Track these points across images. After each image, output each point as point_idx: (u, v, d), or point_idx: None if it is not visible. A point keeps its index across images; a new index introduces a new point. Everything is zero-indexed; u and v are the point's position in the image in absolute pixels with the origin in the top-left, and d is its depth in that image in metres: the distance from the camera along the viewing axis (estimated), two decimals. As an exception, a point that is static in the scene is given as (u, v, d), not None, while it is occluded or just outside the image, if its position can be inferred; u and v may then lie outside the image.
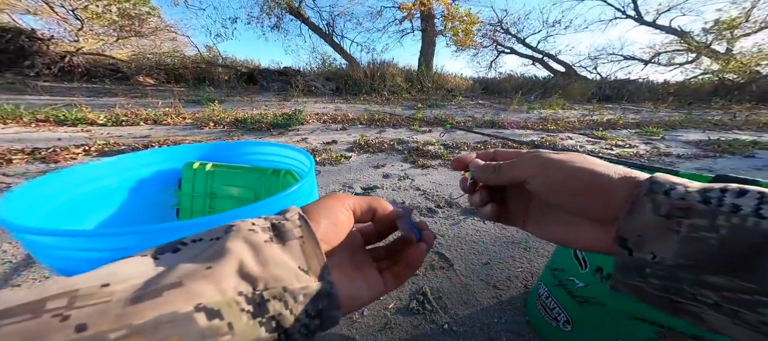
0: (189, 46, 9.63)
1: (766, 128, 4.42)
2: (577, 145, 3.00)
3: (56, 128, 2.65)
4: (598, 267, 0.56)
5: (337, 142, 2.70)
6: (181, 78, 7.29)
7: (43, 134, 2.46)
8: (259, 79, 7.82)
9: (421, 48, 10.30)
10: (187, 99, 4.88)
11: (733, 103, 6.83)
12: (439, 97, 7.40)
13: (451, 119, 4.15)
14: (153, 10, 8.71)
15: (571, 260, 0.64)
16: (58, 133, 2.51)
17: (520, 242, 1.16)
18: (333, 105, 5.42)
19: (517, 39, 12.55)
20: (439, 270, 0.99)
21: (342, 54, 10.23)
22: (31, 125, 2.67)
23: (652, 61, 11.80)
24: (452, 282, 0.94)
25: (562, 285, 0.69)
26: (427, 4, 9.66)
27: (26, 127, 2.62)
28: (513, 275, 0.99)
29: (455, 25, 10.36)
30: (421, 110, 4.75)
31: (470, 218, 1.33)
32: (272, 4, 9.30)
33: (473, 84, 9.75)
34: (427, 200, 1.49)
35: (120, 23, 7.94)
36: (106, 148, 2.17)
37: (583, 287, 0.62)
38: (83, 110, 3.04)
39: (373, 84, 7.74)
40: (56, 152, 1.96)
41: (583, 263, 0.60)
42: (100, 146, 2.16)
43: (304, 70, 8.93)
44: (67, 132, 2.55)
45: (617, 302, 0.55)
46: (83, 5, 7.42)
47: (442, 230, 1.22)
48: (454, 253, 1.08)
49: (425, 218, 1.33)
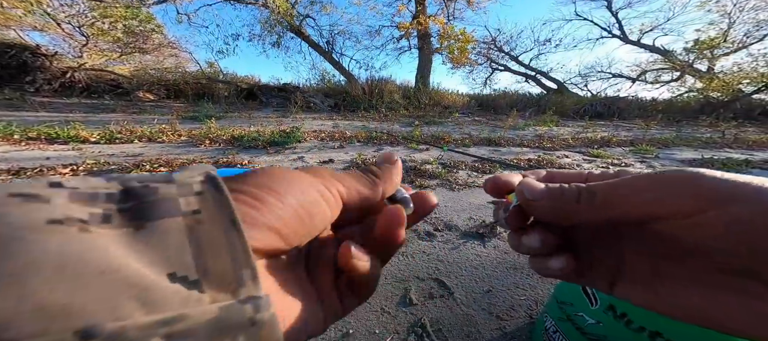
0: (191, 63, 9.82)
1: (756, 146, 4.49)
2: (574, 164, 3.01)
3: (46, 147, 2.61)
4: (610, 305, 0.53)
5: (334, 161, 2.68)
6: (181, 94, 7.35)
7: (33, 153, 2.41)
8: (259, 95, 7.91)
9: (418, 65, 10.58)
10: (185, 115, 4.88)
11: (720, 120, 7.00)
12: (436, 113, 7.50)
13: (448, 136, 4.18)
14: (158, 27, 8.93)
15: (579, 294, 0.60)
16: (47, 151, 2.46)
17: (523, 268, 1.12)
18: (331, 122, 5.45)
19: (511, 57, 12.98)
20: (439, 298, 0.94)
21: (341, 71, 10.46)
22: (21, 143, 2.63)
23: (639, 78, 12.20)
24: (453, 313, 0.89)
25: (570, 319, 0.64)
26: (424, 23, 10.03)
27: (16, 145, 2.57)
28: (516, 303, 0.94)
29: (451, 43, 10.71)
30: (418, 126, 4.79)
31: (470, 242, 1.29)
32: (273, 22, 9.59)
33: (469, 101, 9.94)
34: (425, 223, 1.45)
35: (124, 40, 8.10)
36: (96, 167, 2.12)
37: (594, 324, 0.58)
38: (76, 127, 3.00)
39: (371, 101, 7.85)
40: (43, 171, 1.91)
41: (593, 299, 0.56)
42: (90, 165, 2.11)
43: (304, 87, 9.08)
44: (57, 151, 2.51)
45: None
46: (90, 22, 7.59)
47: (440, 256, 1.18)
48: (453, 280, 1.03)
49: (423, 242, 1.28)
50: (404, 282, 1.01)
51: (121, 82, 7.15)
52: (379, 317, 0.86)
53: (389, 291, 0.97)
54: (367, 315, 0.87)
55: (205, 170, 0.13)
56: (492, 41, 12.66)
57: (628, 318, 0.50)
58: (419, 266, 1.10)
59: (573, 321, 0.62)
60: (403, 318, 0.86)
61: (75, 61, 7.02)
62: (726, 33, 10.66)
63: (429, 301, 0.93)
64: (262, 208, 0.13)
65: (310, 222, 0.15)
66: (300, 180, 0.15)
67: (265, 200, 0.13)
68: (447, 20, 10.99)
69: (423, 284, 1.01)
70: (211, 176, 0.13)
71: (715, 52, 10.66)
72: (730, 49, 10.66)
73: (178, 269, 0.10)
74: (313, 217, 0.15)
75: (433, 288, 0.99)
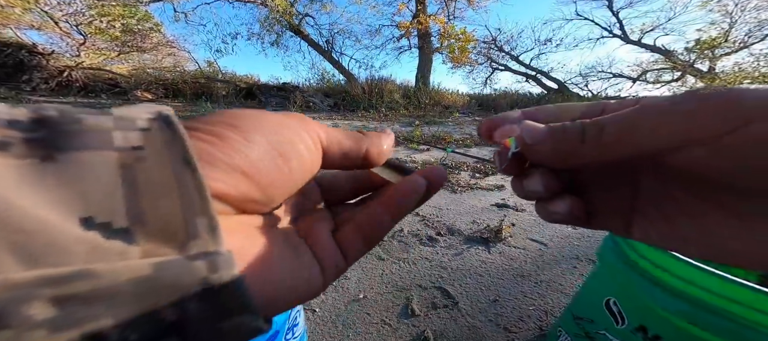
0: (190, 62, 9.76)
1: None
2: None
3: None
4: (641, 326, 0.47)
5: (333, 159, 2.62)
6: (180, 93, 7.30)
7: None
8: (258, 94, 7.86)
9: (418, 65, 10.52)
10: (182, 115, 4.81)
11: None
12: (436, 113, 7.45)
13: (449, 137, 4.13)
14: (156, 26, 8.87)
15: (601, 311, 0.54)
16: None
17: (530, 275, 1.06)
18: (331, 121, 5.40)
19: (511, 56, 12.93)
20: (443, 309, 0.89)
21: (341, 70, 10.40)
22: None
23: (640, 78, 12.15)
24: (458, 324, 0.83)
25: (589, 337, 0.58)
26: (424, 22, 9.97)
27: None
28: (525, 314, 0.88)
29: (451, 42, 10.66)
30: (418, 126, 4.73)
31: (474, 247, 1.23)
32: (272, 21, 9.53)
33: (469, 101, 9.89)
34: (427, 227, 1.39)
35: (122, 39, 8.04)
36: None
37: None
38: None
39: (371, 100, 7.80)
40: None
41: (619, 318, 0.50)
42: None
43: (303, 86, 9.02)
44: None
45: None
46: (88, 21, 7.53)
47: (443, 262, 1.12)
48: (458, 289, 0.97)
49: (424, 247, 1.23)
50: (406, 291, 0.95)
51: (119, 81, 7.10)
52: (380, 329, 0.81)
53: (390, 300, 0.91)
54: (367, 328, 0.81)
55: (157, 108, 0.10)
56: (492, 41, 12.60)
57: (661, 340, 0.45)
58: (422, 273, 1.05)
59: (593, 338, 0.57)
60: (405, 330, 0.81)
61: (72, 60, 6.96)
62: (727, 33, 10.61)
63: (432, 312, 0.87)
64: (223, 145, 0.11)
65: (287, 168, 0.12)
66: (271, 118, 0.13)
67: (228, 137, 0.11)
68: (447, 19, 10.94)
69: (426, 293, 0.95)
70: (165, 115, 0.10)
71: (716, 52, 10.63)
72: (731, 49, 10.62)
73: (98, 213, 0.08)
74: (289, 161, 0.12)
75: (436, 298, 0.93)
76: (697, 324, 0.40)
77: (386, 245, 1.21)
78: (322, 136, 0.14)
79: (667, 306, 0.43)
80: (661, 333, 0.44)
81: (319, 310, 0.86)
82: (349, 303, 0.89)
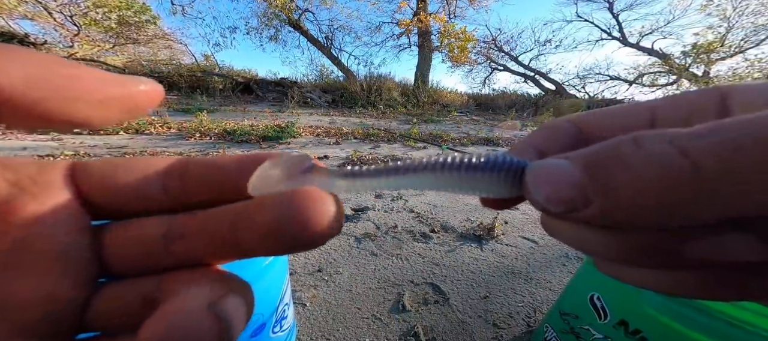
0: (186, 55, 9.64)
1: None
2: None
3: (24, 137, 2.51)
4: (622, 321, 0.48)
5: (328, 157, 2.61)
6: (175, 86, 7.21)
7: (8, 142, 2.32)
8: (255, 89, 7.79)
9: (418, 63, 10.49)
10: (176, 108, 4.77)
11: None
12: (435, 112, 7.45)
13: (446, 135, 4.13)
14: (154, 19, 8.73)
15: (586, 306, 0.55)
16: (25, 141, 2.37)
17: (521, 272, 1.07)
18: (328, 118, 5.37)
19: (511, 57, 12.93)
20: (433, 305, 0.89)
21: (339, 67, 10.34)
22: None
23: (636, 81, 12.23)
24: (448, 320, 0.84)
25: (574, 332, 0.59)
26: (425, 21, 9.93)
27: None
28: (514, 311, 0.89)
29: (451, 41, 10.64)
30: (416, 124, 4.73)
31: (467, 245, 1.24)
32: (271, 15, 9.43)
33: (468, 100, 9.91)
34: (421, 224, 1.40)
35: (117, 30, 7.91)
36: (74, 158, 2.04)
37: (601, 339, 0.53)
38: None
39: (369, 97, 7.77)
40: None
41: (602, 313, 0.51)
42: (68, 156, 2.03)
43: (301, 82, 8.96)
44: (35, 141, 2.42)
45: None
46: (83, 12, 7.40)
47: (436, 259, 1.12)
48: (449, 285, 0.98)
49: (418, 243, 1.23)
50: (398, 287, 0.95)
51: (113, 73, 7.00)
52: (370, 324, 0.81)
53: (381, 296, 0.91)
54: (357, 323, 0.81)
55: None
56: (492, 41, 12.59)
57: (641, 335, 0.46)
58: (414, 269, 1.05)
59: (578, 334, 0.57)
60: (396, 325, 0.81)
61: (65, 51, 6.84)
62: (724, 37, 10.71)
63: (423, 307, 0.88)
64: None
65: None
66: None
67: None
68: (448, 18, 10.91)
69: (417, 289, 0.95)
70: None
71: (712, 57, 10.72)
72: (727, 53, 10.72)
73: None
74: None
75: (427, 294, 0.93)
76: (680, 321, 0.41)
77: (380, 241, 1.22)
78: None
79: (652, 302, 0.44)
80: (641, 327, 0.45)
81: (309, 304, 0.86)
82: (340, 297, 0.89)
